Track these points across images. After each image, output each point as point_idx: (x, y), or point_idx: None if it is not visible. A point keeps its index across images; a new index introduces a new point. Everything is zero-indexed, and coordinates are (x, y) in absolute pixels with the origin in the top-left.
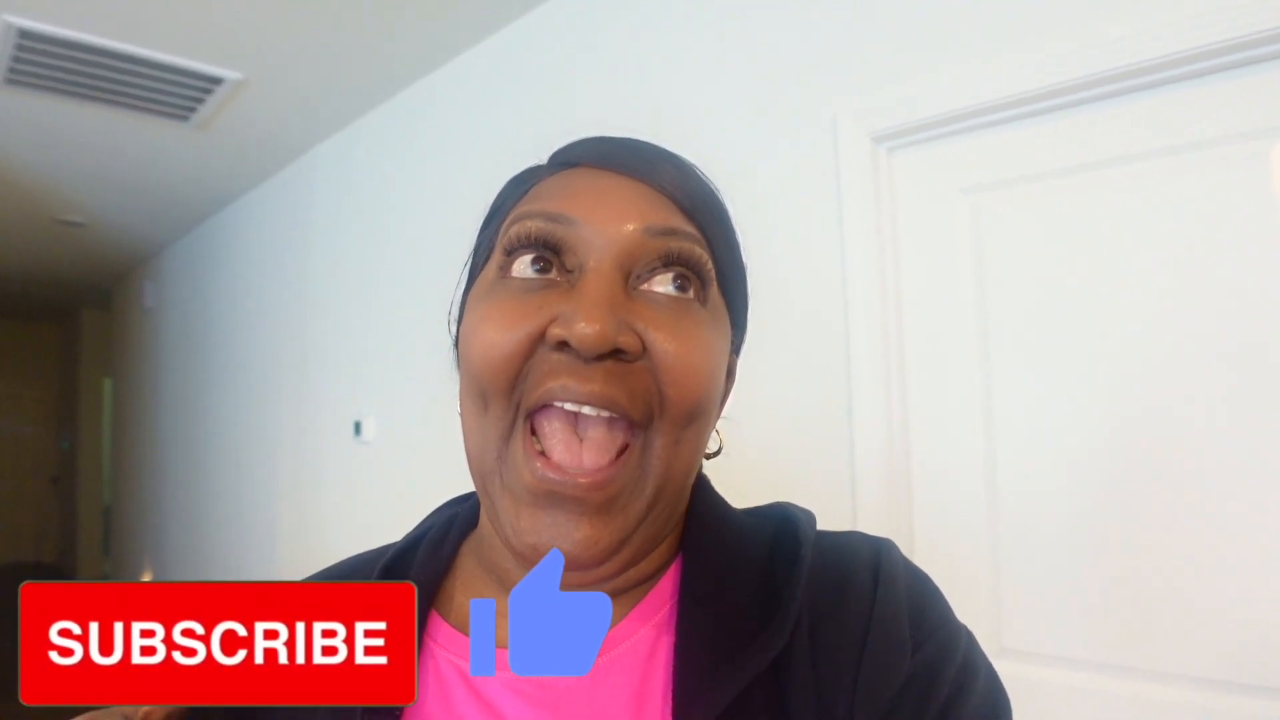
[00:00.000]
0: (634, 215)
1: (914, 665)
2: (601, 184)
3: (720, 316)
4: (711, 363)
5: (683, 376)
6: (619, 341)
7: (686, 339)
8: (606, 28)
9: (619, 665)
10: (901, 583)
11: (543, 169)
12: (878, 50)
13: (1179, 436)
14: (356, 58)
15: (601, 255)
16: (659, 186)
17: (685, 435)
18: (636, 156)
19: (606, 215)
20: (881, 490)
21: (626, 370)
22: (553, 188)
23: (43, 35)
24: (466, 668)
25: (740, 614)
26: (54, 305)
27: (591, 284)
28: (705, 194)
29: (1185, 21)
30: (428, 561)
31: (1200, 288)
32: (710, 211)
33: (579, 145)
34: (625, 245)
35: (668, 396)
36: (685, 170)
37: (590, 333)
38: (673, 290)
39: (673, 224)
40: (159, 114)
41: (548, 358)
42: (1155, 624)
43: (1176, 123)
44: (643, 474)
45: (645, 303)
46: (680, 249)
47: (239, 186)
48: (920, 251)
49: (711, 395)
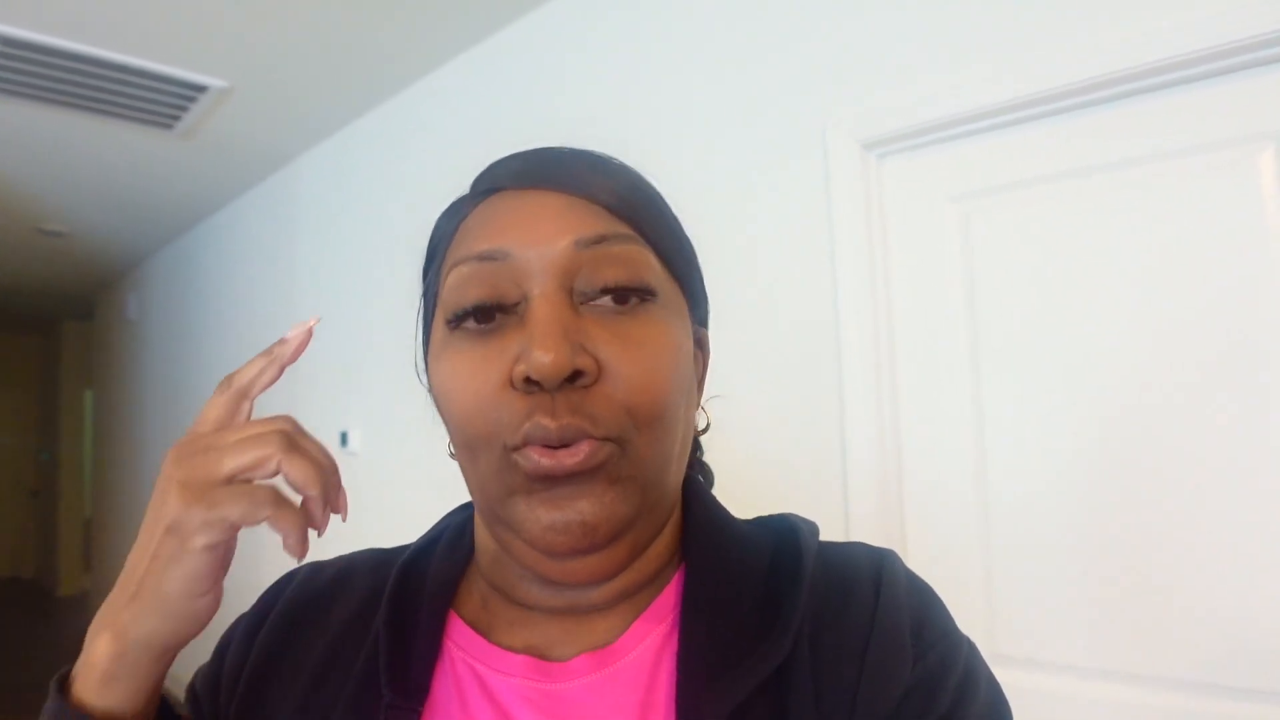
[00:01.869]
0: (563, 231)
1: (915, 676)
2: (525, 206)
3: (674, 301)
4: (671, 362)
5: (643, 389)
6: (576, 364)
7: (639, 348)
8: (595, 36)
9: (625, 675)
10: (903, 593)
11: (467, 200)
12: (868, 57)
13: (1169, 441)
14: (342, 66)
15: (543, 280)
16: (582, 194)
17: (662, 432)
18: (554, 168)
19: (536, 238)
20: (874, 497)
21: (587, 395)
22: (480, 221)
23: (25, 42)
24: (482, 670)
25: (743, 623)
26: (35, 316)
27: (540, 311)
28: (629, 187)
29: (1172, 28)
30: (445, 562)
31: (1189, 293)
32: (639, 202)
33: (497, 168)
34: (561, 264)
35: (633, 407)
36: (605, 168)
37: (547, 361)
38: (617, 301)
39: (601, 230)
40: (143, 122)
41: (517, 400)
42: (1148, 628)
43: (1165, 129)
44: (629, 460)
45: (594, 319)
46: (616, 253)
47: (223, 195)
48: (910, 258)
49: (677, 391)
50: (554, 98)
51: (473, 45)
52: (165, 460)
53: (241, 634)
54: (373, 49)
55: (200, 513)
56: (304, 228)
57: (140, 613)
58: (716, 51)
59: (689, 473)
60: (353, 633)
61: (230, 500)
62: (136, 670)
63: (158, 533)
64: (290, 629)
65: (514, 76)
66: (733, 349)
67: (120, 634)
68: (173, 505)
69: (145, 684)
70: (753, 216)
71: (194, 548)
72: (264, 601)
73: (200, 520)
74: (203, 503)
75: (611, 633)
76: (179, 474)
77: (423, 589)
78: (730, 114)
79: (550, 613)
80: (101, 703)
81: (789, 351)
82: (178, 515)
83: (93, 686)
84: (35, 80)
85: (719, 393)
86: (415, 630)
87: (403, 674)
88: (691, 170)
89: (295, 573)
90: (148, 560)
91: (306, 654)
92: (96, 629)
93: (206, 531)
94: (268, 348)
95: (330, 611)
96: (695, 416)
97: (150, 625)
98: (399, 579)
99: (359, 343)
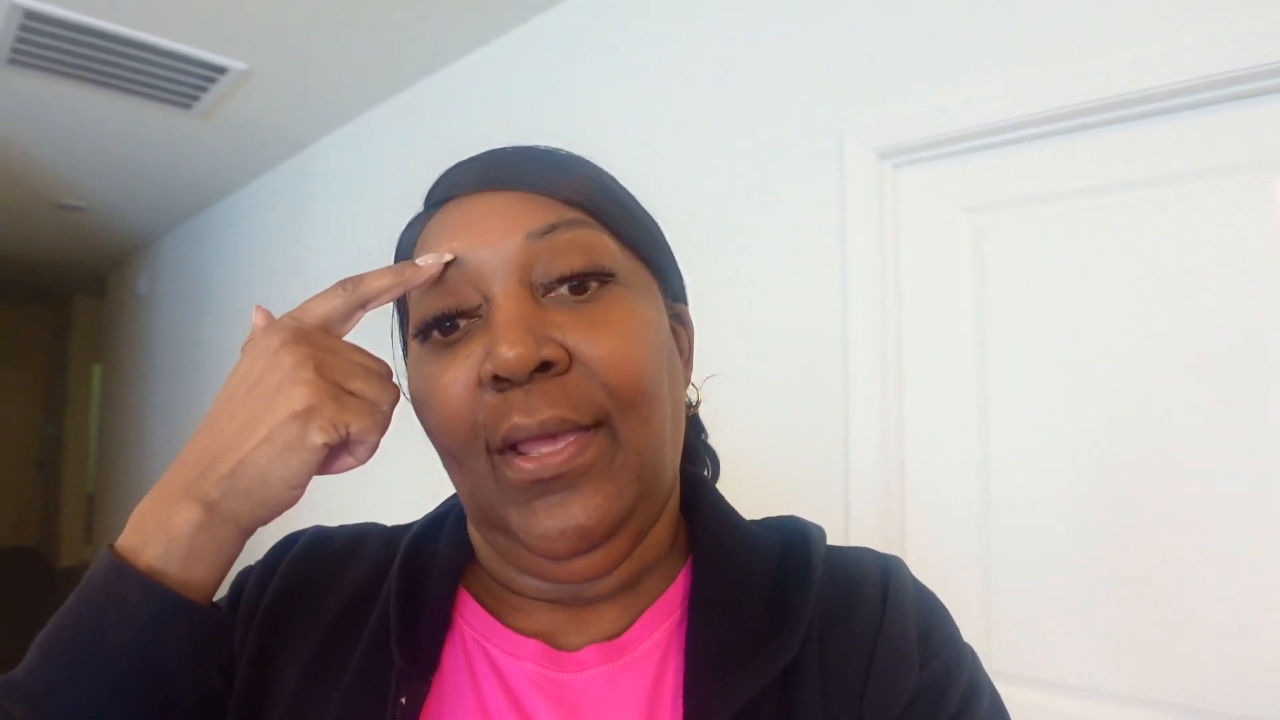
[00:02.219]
0: (512, 227)
1: (920, 682)
2: (474, 209)
3: (637, 280)
4: (642, 337)
5: (616, 367)
6: (543, 355)
7: (608, 329)
8: (611, 37)
9: (632, 670)
10: (910, 600)
11: (423, 214)
12: (888, 66)
13: (1176, 461)
14: (363, 53)
15: (500, 278)
16: (530, 189)
17: (647, 409)
18: (501, 169)
19: (488, 238)
20: (875, 506)
21: (563, 384)
22: (433, 231)
23: (48, 16)
24: (493, 650)
25: (751, 622)
26: (47, 289)
27: (501, 309)
28: (577, 175)
29: (1192, 51)
30: (455, 539)
31: (1199, 315)
32: (589, 188)
33: (445, 179)
34: (515, 259)
35: (611, 388)
36: (551, 160)
37: (512, 356)
38: (578, 287)
39: (551, 219)
40: (162, 101)
41: (492, 400)
42: (1151, 649)
43: (1181, 151)
44: (618, 447)
45: (557, 308)
46: (569, 240)
47: (239, 177)
48: (922, 267)
49: (655, 367)
50: (569, 98)
51: (494, 38)
52: (273, 332)
53: (254, 582)
54: (393, 38)
55: (333, 411)
56: (318, 212)
57: (234, 489)
58: (732, 58)
59: (693, 469)
60: (363, 602)
61: (359, 413)
62: (224, 545)
63: (275, 415)
64: (303, 590)
65: (529, 75)
66: (740, 353)
67: (211, 507)
68: (305, 393)
69: (228, 559)
70: (766, 221)
71: (314, 443)
72: (271, 556)
73: (330, 418)
74: (337, 403)
75: (618, 624)
76: (310, 361)
77: (432, 563)
78: (747, 120)
79: (554, 602)
80: (183, 574)
81: (795, 356)
82: (312, 404)
83: (177, 557)
84: (58, 55)
85: (729, 396)
86: (425, 603)
87: (413, 644)
88: (706, 175)
89: (300, 534)
90: (255, 441)
91: (316, 617)
92: (173, 498)
93: (330, 432)
94: (398, 265)
95: (342, 577)
96: (684, 393)
97: (245, 506)
98: (409, 551)
99: (371, 330)
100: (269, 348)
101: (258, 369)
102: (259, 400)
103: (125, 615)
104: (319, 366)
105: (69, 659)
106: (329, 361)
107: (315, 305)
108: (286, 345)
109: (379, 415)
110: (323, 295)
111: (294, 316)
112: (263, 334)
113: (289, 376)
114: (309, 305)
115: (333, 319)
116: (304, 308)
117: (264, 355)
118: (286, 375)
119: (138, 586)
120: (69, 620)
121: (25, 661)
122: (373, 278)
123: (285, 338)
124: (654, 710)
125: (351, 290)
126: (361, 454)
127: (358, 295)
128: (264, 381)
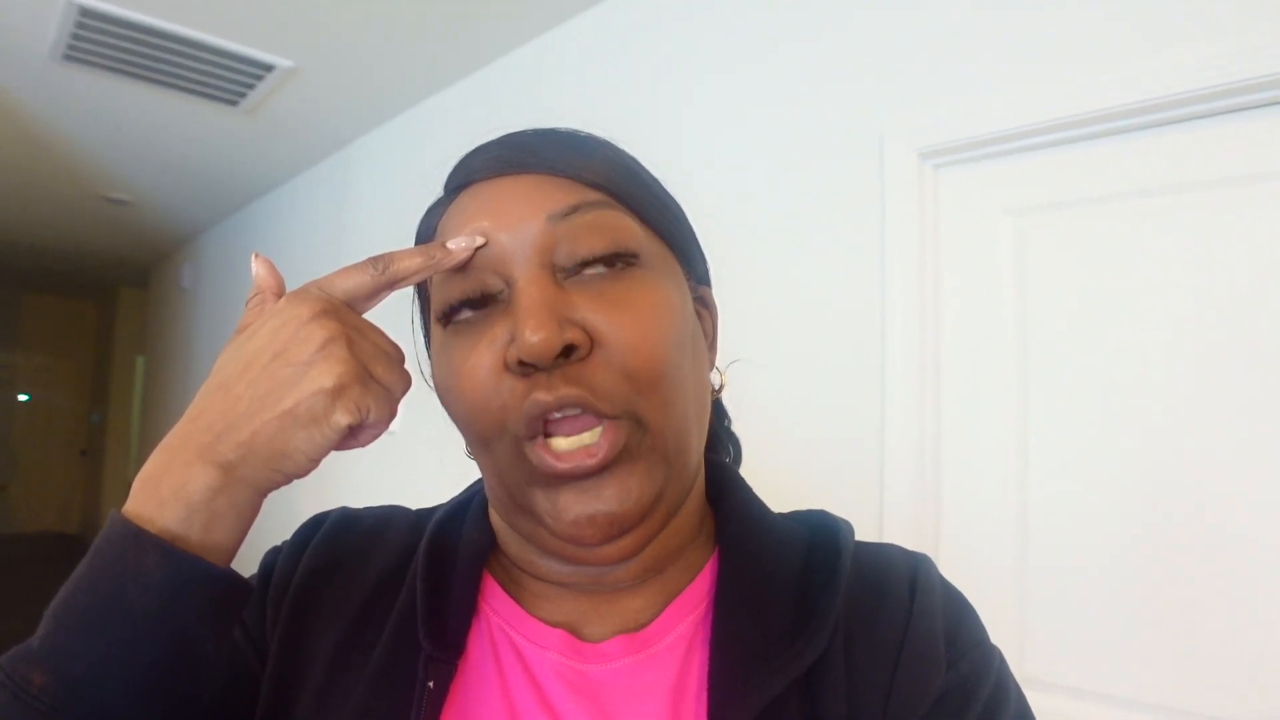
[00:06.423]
0: (534, 209)
1: (948, 682)
2: (495, 193)
3: (660, 261)
4: (665, 320)
5: (637, 349)
6: (566, 339)
7: (628, 311)
8: (651, 37)
9: (657, 661)
10: (938, 599)
11: (443, 200)
12: (930, 66)
13: (1220, 470)
14: (406, 52)
15: (522, 262)
16: (551, 171)
17: (670, 392)
18: (520, 152)
19: (509, 221)
20: (910, 508)
21: (584, 368)
22: (453, 216)
23: (102, 14)
24: (518, 639)
25: (778, 618)
26: (93, 281)
27: (524, 293)
28: (599, 156)
29: (1241, 53)
30: (479, 525)
31: (1242, 321)
32: (611, 169)
33: (464, 164)
34: (537, 242)
35: (631, 370)
36: (572, 142)
37: (536, 340)
38: (602, 269)
39: (573, 201)
40: (210, 97)
41: (517, 384)
42: (1184, 661)
43: (1231, 154)
44: (643, 431)
45: (580, 290)
46: (590, 221)
47: (282, 173)
48: (962, 268)
49: (676, 348)
50: (607, 97)
51: (530, 39)
52: (302, 301)
53: (284, 561)
54: (436, 37)
55: (359, 393)
56: (358, 209)
57: (250, 455)
58: (773, 59)
59: (718, 458)
60: (389, 586)
61: (380, 399)
62: (244, 508)
63: (302, 388)
64: (333, 569)
65: (568, 74)
66: (779, 353)
67: (228, 469)
68: (339, 371)
69: (247, 521)
70: (806, 222)
71: (339, 423)
72: (301, 536)
73: (356, 400)
74: (364, 385)
75: (643, 614)
76: (343, 339)
77: (457, 549)
78: (787, 119)
79: (578, 589)
80: (204, 538)
81: (834, 356)
82: (343, 384)
83: (199, 523)
84: (109, 52)
85: (767, 395)
86: (451, 588)
87: (439, 629)
88: (748, 173)
89: (327, 514)
90: (278, 412)
91: (347, 597)
92: (186, 462)
93: (354, 414)
94: (428, 246)
95: (370, 560)
96: (708, 376)
97: (263, 472)
98: (434, 535)
99: (404, 323)
100: (297, 318)
101: (283, 337)
102: (284, 370)
103: (144, 581)
104: (353, 345)
105: (88, 625)
106: (358, 342)
107: (342, 280)
108: (319, 318)
109: (393, 404)
110: (351, 270)
111: (320, 287)
112: (289, 301)
113: (322, 352)
114: (336, 279)
115: (358, 296)
116: (330, 280)
117: (291, 324)
118: (319, 350)
119: (156, 552)
120: (83, 587)
121: (40, 631)
122: (403, 257)
123: (317, 310)
124: (678, 704)
125: (382, 270)
126: (365, 439)
127: (388, 275)
128: (291, 352)
